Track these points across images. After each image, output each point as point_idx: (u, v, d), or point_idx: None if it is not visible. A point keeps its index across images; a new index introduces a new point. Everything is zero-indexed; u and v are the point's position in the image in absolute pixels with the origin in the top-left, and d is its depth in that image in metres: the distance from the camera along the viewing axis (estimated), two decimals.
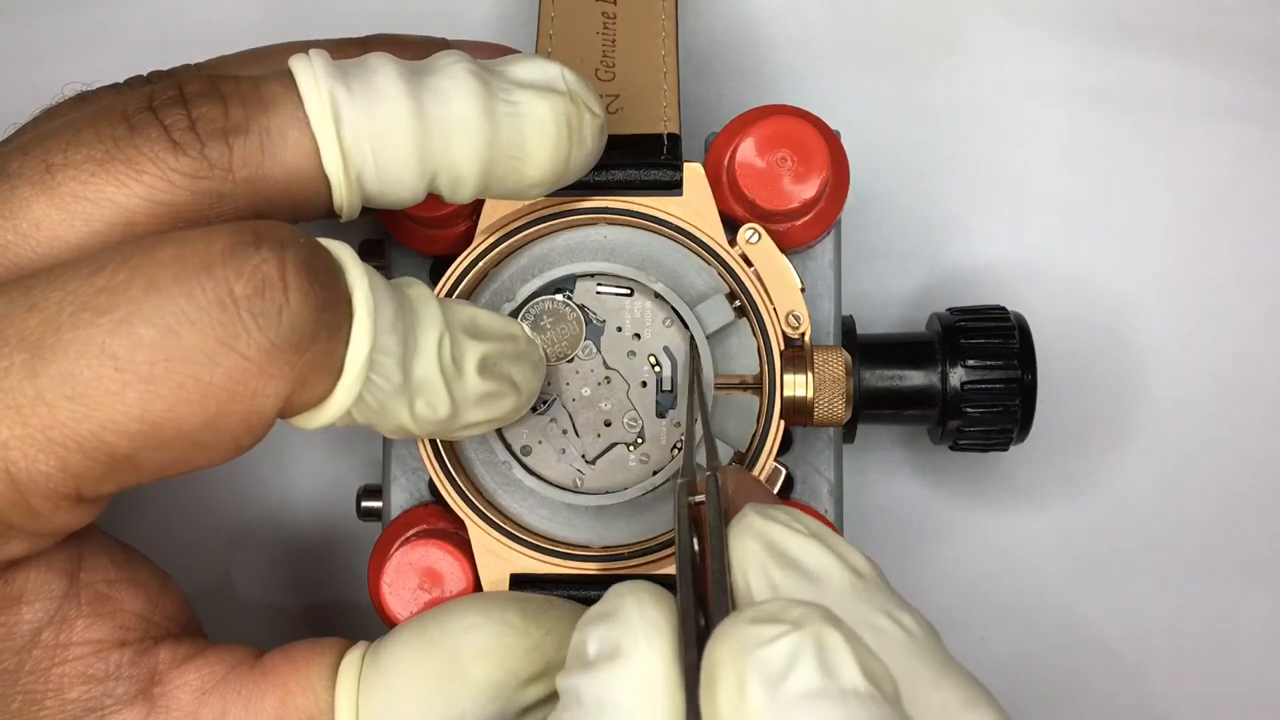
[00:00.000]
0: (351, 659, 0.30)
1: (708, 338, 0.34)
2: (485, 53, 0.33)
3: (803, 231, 0.34)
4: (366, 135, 0.29)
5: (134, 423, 0.26)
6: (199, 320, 0.25)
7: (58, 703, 0.29)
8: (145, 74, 0.33)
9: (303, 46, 0.32)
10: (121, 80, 0.33)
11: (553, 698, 0.30)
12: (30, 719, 0.29)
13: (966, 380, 0.36)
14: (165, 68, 0.33)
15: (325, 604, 0.42)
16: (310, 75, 0.29)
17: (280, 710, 0.30)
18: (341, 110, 0.28)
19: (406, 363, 0.28)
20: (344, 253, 0.28)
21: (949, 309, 0.38)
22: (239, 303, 0.26)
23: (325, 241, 0.28)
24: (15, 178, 0.28)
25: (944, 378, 0.36)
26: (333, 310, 0.27)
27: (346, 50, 0.32)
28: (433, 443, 0.33)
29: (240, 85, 0.29)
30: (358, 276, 0.28)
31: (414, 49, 0.33)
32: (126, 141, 0.28)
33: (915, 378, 0.37)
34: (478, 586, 0.33)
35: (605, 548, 0.34)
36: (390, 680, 0.30)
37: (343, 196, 0.29)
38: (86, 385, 0.25)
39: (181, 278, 0.26)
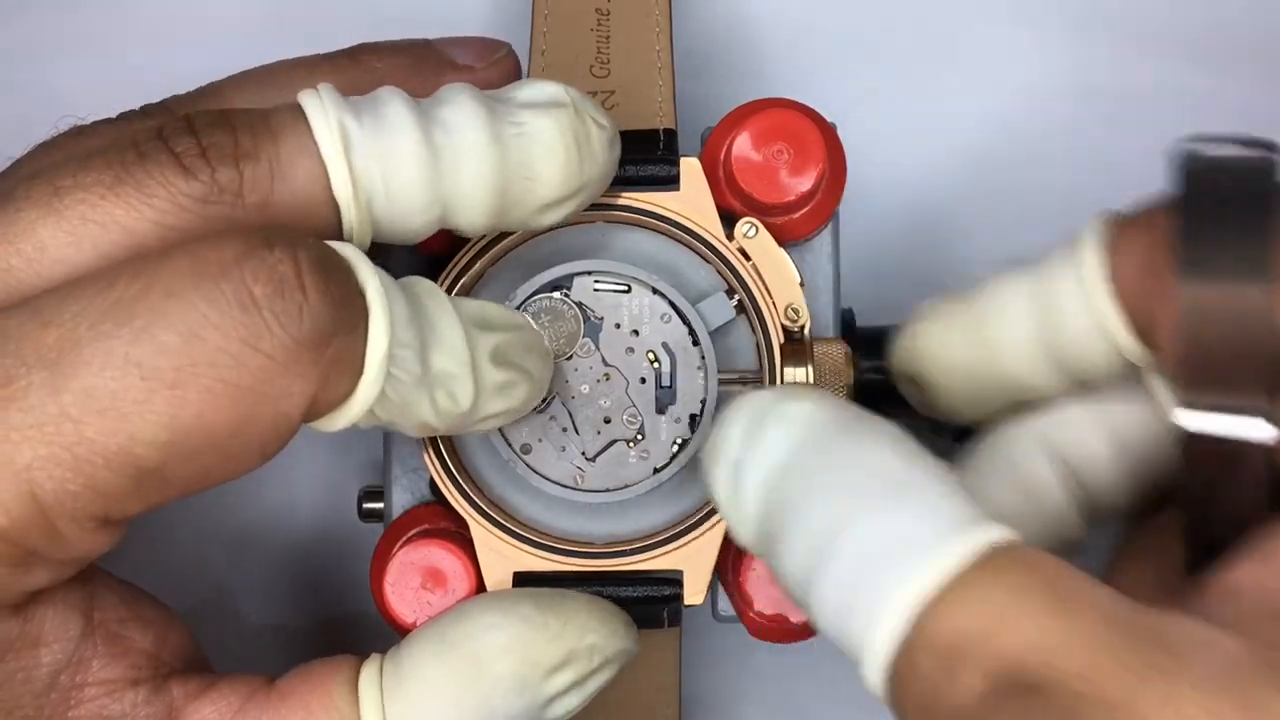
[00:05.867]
0: (370, 671, 0.30)
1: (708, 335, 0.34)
2: (472, 48, 0.33)
3: (800, 224, 0.34)
4: (376, 160, 0.29)
5: (163, 432, 0.26)
6: (221, 323, 0.26)
7: None
8: (138, 108, 0.32)
9: (294, 65, 0.32)
10: (114, 115, 0.32)
11: (577, 684, 0.31)
12: None
13: None
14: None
15: (328, 611, 0.42)
16: (319, 105, 0.29)
17: None
18: (351, 136, 0.29)
19: (425, 355, 0.28)
20: (351, 252, 0.28)
21: None
22: (259, 303, 0.26)
23: (331, 243, 0.28)
24: (20, 200, 0.28)
25: None
26: (349, 307, 0.27)
27: (335, 62, 0.33)
28: (434, 441, 0.33)
29: (250, 115, 0.29)
30: (368, 274, 0.28)
31: (400, 54, 0.33)
32: (136, 166, 0.28)
33: None
34: (481, 586, 0.33)
35: (608, 544, 0.34)
36: (414, 687, 0.30)
37: (352, 221, 0.29)
38: (113, 397, 0.25)
39: (200, 283, 0.26)
